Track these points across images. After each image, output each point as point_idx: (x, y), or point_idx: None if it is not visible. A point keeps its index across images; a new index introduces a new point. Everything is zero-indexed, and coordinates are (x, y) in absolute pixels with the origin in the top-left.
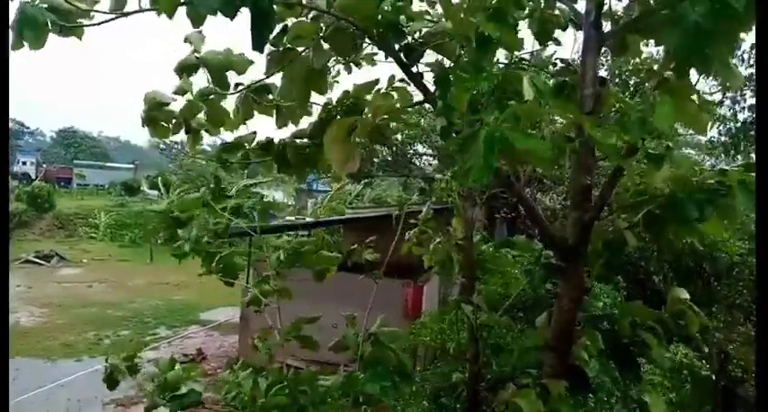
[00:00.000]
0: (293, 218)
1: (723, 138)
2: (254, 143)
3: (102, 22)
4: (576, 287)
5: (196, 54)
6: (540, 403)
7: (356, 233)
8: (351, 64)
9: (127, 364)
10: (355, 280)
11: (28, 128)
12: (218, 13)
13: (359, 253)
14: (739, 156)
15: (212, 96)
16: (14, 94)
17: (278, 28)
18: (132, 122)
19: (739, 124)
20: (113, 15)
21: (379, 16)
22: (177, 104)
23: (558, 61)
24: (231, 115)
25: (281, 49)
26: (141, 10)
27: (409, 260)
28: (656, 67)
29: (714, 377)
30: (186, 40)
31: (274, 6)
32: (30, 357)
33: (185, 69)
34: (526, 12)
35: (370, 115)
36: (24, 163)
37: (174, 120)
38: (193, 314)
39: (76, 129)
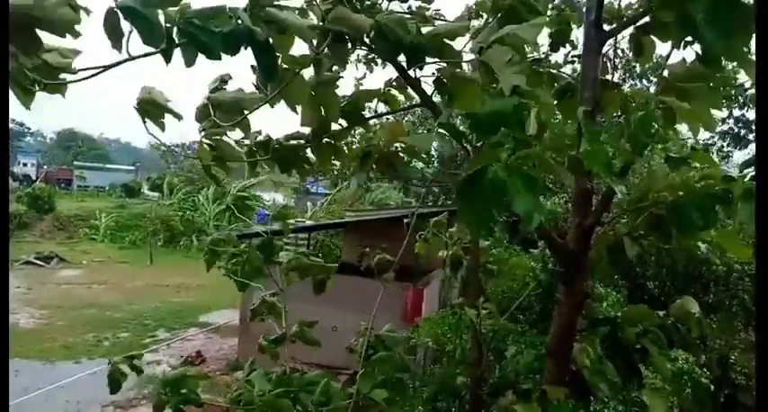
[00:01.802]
0: (293, 221)
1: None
2: (256, 140)
3: (88, 78)
4: (577, 292)
5: (212, 97)
6: (540, 410)
7: (357, 235)
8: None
9: (128, 363)
10: (354, 283)
11: (29, 129)
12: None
13: (371, 256)
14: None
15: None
16: (14, 95)
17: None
18: (133, 124)
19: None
20: (98, 70)
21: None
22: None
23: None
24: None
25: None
26: (133, 57)
27: (409, 263)
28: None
29: (714, 382)
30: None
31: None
32: (29, 359)
33: (204, 113)
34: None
35: (381, 142)
36: (25, 164)
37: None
38: (193, 316)
39: (77, 130)
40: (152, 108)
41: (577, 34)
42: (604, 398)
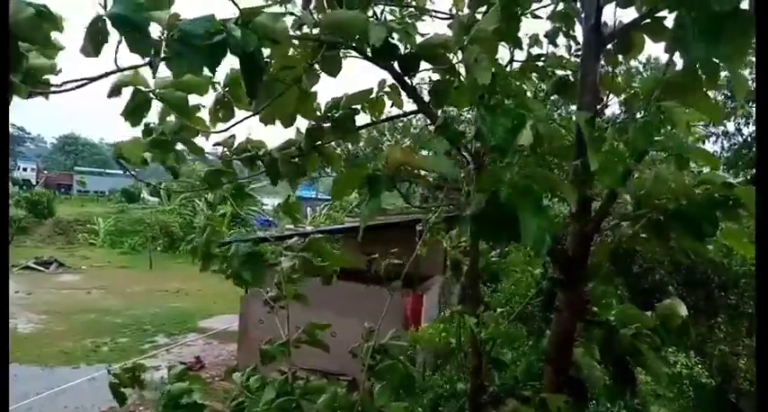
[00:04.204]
0: (292, 226)
1: (726, 154)
2: (241, 155)
3: (72, 89)
4: (576, 300)
5: (144, 89)
6: None
7: (355, 241)
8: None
9: (129, 376)
10: (354, 289)
11: (29, 134)
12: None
13: (379, 263)
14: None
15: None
16: (16, 100)
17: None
18: (134, 129)
19: (741, 139)
20: (84, 80)
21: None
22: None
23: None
24: (207, 120)
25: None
26: (120, 69)
27: (409, 269)
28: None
29: (716, 388)
30: (121, 86)
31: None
32: (27, 364)
33: (138, 111)
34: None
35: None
36: (25, 169)
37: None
38: (192, 321)
39: (77, 135)
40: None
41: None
42: (606, 404)
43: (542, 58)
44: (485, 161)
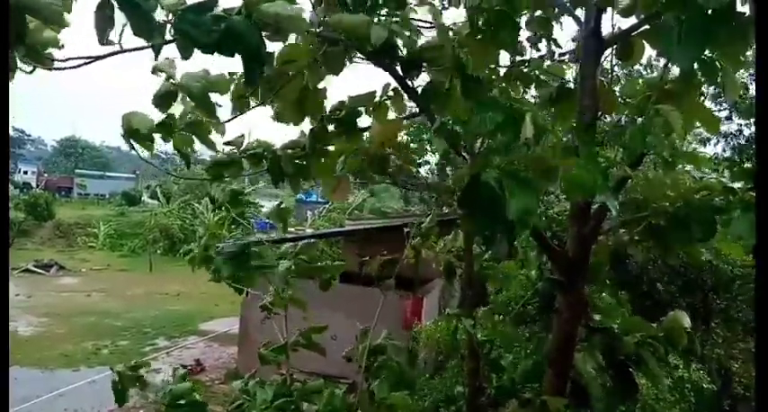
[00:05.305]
0: (293, 229)
1: (727, 153)
2: (247, 152)
3: (77, 66)
4: (577, 302)
5: (172, 81)
6: None
7: (356, 244)
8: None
9: (133, 374)
10: (354, 291)
11: (29, 136)
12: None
13: (370, 265)
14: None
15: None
16: (16, 102)
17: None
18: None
19: (744, 141)
20: (87, 59)
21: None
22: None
23: (561, 58)
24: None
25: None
26: (124, 50)
27: (409, 272)
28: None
29: (716, 392)
30: (156, 69)
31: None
32: (28, 367)
33: (164, 99)
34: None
35: (370, 143)
36: (26, 172)
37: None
38: (192, 324)
39: (78, 138)
40: (139, 135)
41: (563, 35)
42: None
43: (526, 64)
44: None
